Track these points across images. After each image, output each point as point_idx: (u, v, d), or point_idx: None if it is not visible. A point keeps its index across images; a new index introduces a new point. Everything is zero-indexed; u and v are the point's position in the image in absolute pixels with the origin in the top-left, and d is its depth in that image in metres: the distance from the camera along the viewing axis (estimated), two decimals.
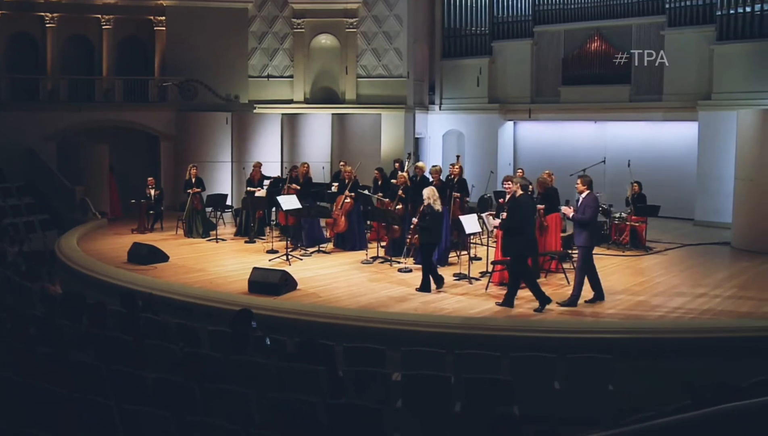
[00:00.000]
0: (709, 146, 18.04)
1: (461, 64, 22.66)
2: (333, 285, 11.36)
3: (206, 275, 12.07)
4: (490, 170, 17.12)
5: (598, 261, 13.25)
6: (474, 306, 10.06)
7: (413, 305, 10.11)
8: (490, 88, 22.30)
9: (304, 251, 14.01)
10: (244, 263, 12.92)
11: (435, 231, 10.90)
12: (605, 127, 20.78)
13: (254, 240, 15.37)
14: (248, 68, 21.67)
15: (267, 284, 10.64)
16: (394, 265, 12.79)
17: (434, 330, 8.96)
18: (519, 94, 21.89)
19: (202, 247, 14.84)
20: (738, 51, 17.71)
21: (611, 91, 19.93)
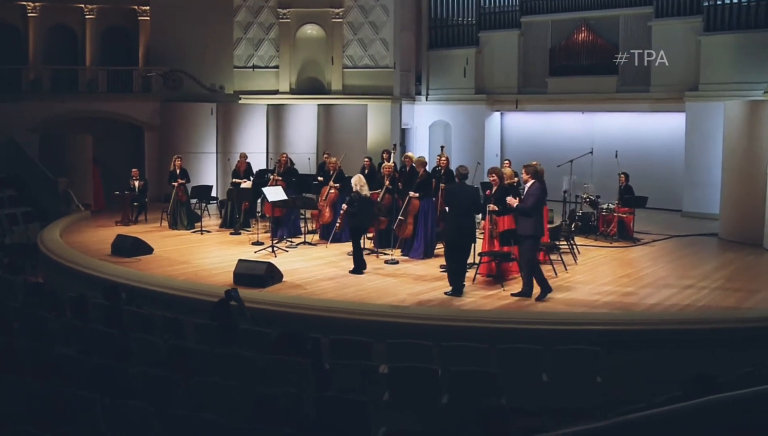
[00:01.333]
0: (696, 137, 18.13)
1: (448, 54, 22.62)
2: (319, 277, 11.33)
3: (191, 267, 12.02)
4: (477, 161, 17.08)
5: (586, 252, 13.44)
6: (461, 298, 10.06)
7: (400, 296, 10.10)
8: (477, 78, 22.27)
9: (289, 242, 13.96)
10: (229, 255, 12.88)
11: (363, 216, 11.63)
12: (593, 118, 20.83)
13: (239, 232, 15.32)
14: (233, 58, 21.53)
15: (252, 276, 10.61)
16: (380, 256, 12.78)
17: (421, 322, 8.95)
18: (506, 85, 21.88)
19: (186, 239, 14.77)
20: (725, 42, 17.78)
21: (598, 82, 19.97)
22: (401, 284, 10.92)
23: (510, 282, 10.85)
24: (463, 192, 10.35)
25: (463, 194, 10.31)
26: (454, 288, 10.26)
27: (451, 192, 10.46)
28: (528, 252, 9.92)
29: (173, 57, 20.80)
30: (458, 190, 10.38)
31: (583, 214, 15.45)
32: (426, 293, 10.33)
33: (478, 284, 10.83)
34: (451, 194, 10.37)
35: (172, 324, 7.63)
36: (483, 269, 11.23)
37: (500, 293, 10.30)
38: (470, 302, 9.92)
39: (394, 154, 14.34)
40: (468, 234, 10.37)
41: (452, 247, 10.35)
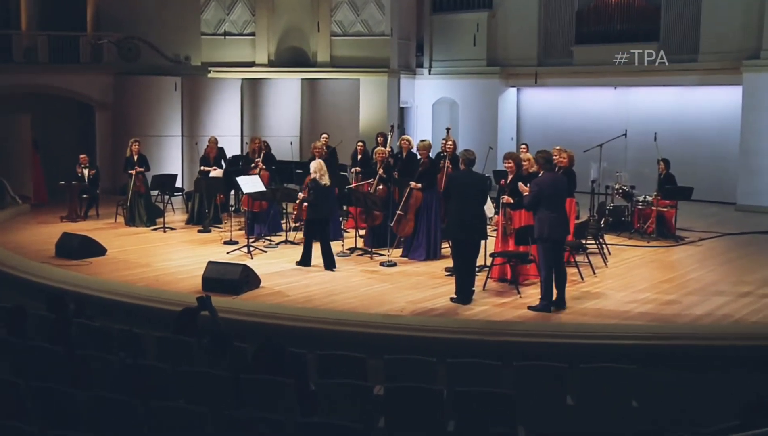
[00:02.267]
0: (755, 116, 18.11)
1: (455, 19, 22.67)
2: (303, 282, 11.37)
3: (151, 271, 12.05)
4: (488, 146, 17.13)
5: (618, 253, 13.50)
6: (470, 306, 10.11)
7: (398, 305, 10.15)
8: (489, 48, 22.32)
9: (268, 241, 14.00)
10: (197, 256, 12.92)
11: (322, 207, 12.03)
12: (627, 94, 20.89)
13: (209, 229, 15.35)
14: (201, 24, 21.56)
15: (225, 281, 10.64)
16: (375, 258, 12.82)
17: (423, 335, 8.99)
18: (524, 56, 21.93)
19: (146, 238, 14.81)
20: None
21: (635, 50, 19.98)
22: (399, 290, 10.96)
23: (527, 288, 10.90)
24: (470, 180, 10.38)
25: (470, 183, 10.34)
26: (461, 294, 10.30)
27: (455, 181, 10.54)
28: (542, 258, 9.93)
29: (129, 22, 20.79)
30: (464, 179, 10.41)
31: (614, 208, 15.50)
32: (429, 301, 10.37)
33: (490, 290, 10.87)
34: (456, 183, 10.43)
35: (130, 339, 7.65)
36: (495, 272, 11.28)
37: (516, 301, 10.35)
38: (480, 310, 9.96)
39: (392, 138, 14.35)
40: (477, 230, 10.38)
41: (459, 245, 10.39)
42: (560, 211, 9.90)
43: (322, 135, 15.56)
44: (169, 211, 16.80)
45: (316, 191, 12.05)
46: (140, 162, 15.83)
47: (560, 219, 9.83)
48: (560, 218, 9.84)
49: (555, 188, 9.81)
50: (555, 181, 9.89)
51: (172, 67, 20.87)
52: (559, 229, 9.77)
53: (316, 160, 12.54)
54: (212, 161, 16.08)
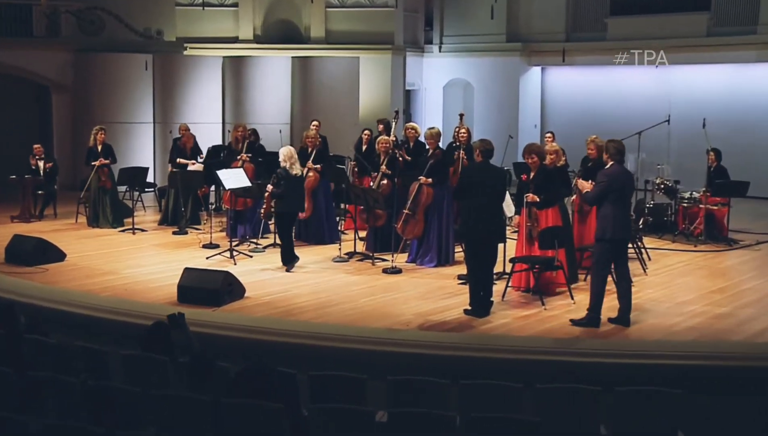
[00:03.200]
0: None
1: None
2: (294, 292, 11.39)
3: (119, 279, 12.07)
4: (508, 135, 17.16)
5: (659, 258, 13.49)
6: (486, 320, 10.11)
7: (404, 317, 10.16)
8: (509, 21, 22.33)
9: (254, 245, 14.02)
10: (171, 262, 12.95)
11: (292, 199, 12.50)
12: (671, 73, 20.87)
13: (186, 230, 15.39)
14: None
15: (204, 291, 10.65)
16: (377, 264, 12.85)
17: (433, 352, 8.99)
18: (549, 30, 21.94)
19: (112, 240, 14.83)
20: None
21: (681, 21, 19.97)
22: (406, 300, 10.98)
23: (553, 299, 10.91)
24: (488, 175, 10.42)
25: (487, 178, 10.38)
26: (477, 306, 10.33)
27: (470, 175, 10.59)
28: (595, 261, 9.95)
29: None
30: (480, 173, 10.45)
31: (655, 206, 15.48)
32: (440, 313, 10.38)
33: (510, 301, 10.89)
34: (471, 178, 10.47)
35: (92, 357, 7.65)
36: (516, 281, 11.28)
37: (540, 314, 10.35)
38: (499, 324, 9.97)
39: (395, 126, 14.33)
40: (495, 232, 10.41)
41: (474, 249, 10.42)
42: (626, 209, 9.99)
43: (313, 122, 15.59)
44: (138, 209, 16.81)
45: (285, 182, 12.30)
46: (105, 153, 15.83)
47: (625, 218, 9.90)
48: (625, 216, 9.92)
49: (624, 183, 9.85)
50: (624, 175, 9.92)
51: (142, 42, 20.89)
52: (623, 228, 9.81)
53: (286, 147, 12.83)
54: (189, 153, 16.05)
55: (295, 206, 12.75)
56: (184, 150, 16.18)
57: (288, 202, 12.45)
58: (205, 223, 15.54)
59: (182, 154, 16.14)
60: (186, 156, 16.05)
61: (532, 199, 10.96)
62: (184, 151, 16.18)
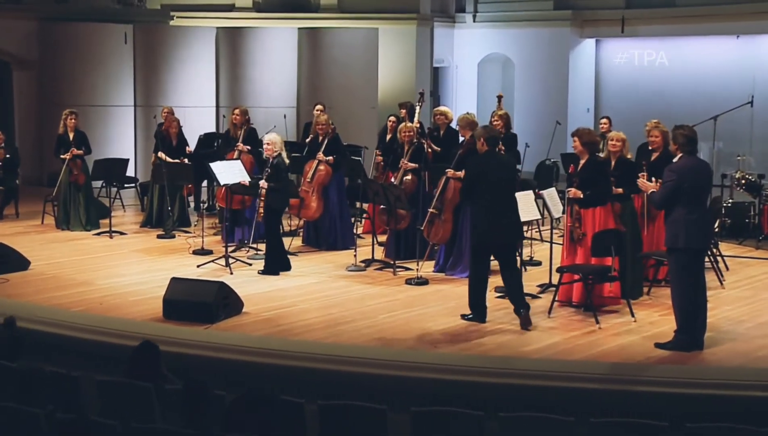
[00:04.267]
0: None
1: None
2: (301, 306, 11.39)
3: (93, 291, 12.08)
4: (555, 121, 17.14)
5: (739, 268, 13.40)
6: (530, 341, 10.09)
7: (431, 337, 10.15)
8: None
9: (254, 251, 14.06)
10: (156, 271, 12.98)
11: (287, 194, 12.94)
12: (755, 45, 20.71)
13: (173, 234, 15.42)
14: None
15: (194, 305, 10.66)
16: (399, 273, 12.84)
17: (466, 378, 8.97)
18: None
19: (86, 246, 14.86)
20: None
21: None
22: (433, 317, 10.96)
23: (609, 316, 10.88)
24: (497, 166, 10.58)
25: (496, 169, 10.53)
26: (475, 312, 10.66)
27: (477, 168, 10.70)
28: (672, 273, 9.92)
29: None
30: (488, 165, 10.57)
31: (734, 206, 15.36)
32: (473, 332, 10.36)
33: (557, 317, 10.86)
34: (480, 171, 10.61)
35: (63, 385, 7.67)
36: (563, 294, 11.28)
37: (593, 333, 10.33)
38: (544, 346, 9.95)
39: (420, 110, 14.26)
40: (514, 231, 10.64)
41: (483, 251, 10.71)
42: (702, 210, 9.84)
43: (317, 106, 15.60)
44: (117, 209, 16.86)
45: (279, 172, 12.71)
46: (78, 142, 15.82)
47: (702, 221, 9.76)
48: (702, 219, 9.78)
49: (698, 179, 9.68)
50: (698, 170, 9.71)
51: (121, 11, 20.97)
52: (699, 235, 9.68)
53: (273, 133, 13.22)
54: (175, 143, 15.93)
55: (286, 202, 13.27)
56: (168, 138, 16.03)
57: (283, 196, 12.88)
58: (195, 225, 15.55)
59: (165, 144, 15.96)
60: (170, 146, 15.92)
61: (574, 195, 10.94)
62: (167, 140, 16.03)
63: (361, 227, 15.38)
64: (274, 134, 13.05)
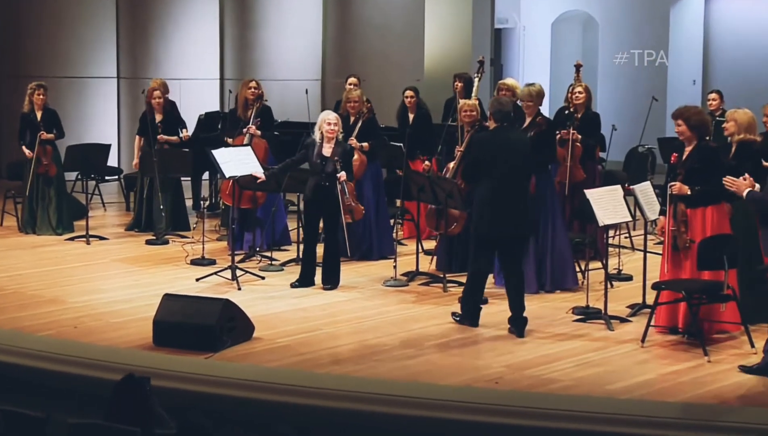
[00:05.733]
0: None
1: None
2: (326, 331, 11.39)
3: (66, 310, 12.10)
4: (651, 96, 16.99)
5: None
6: (617, 376, 10.04)
7: (491, 371, 10.14)
8: None
9: (267, 260, 14.08)
10: (145, 285, 13.07)
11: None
12: None
13: (166, 239, 15.53)
14: None
15: (193, 329, 10.64)
16: (451, 289, 12.83)
17: (536, 424, 8.93)
18: None
19: (57, 254, 14.96)
20: None
21: None
22: (494, 344, 10.95)
23: (719, 346, 10.80)
24: (505, 144, 10.86)
25: (505, 148, 10.85)
26: (466, 310, 11.26)
27: (482, 146, 11.29)
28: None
29: None
30: (490, 144, 10.92)
31: None
32: (544, 365, 10.33)
33: (654, 345, 10.84)
34: (485, 150, 11.13)
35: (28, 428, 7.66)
36: (662, 317, 11.22)
37: (702, 368, 10.23)
38: (637, 383, 9.90)
39: (478, 82, 14.21)
40: (522, 222, 11.05)
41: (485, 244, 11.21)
42: None
43: (349, 79, 15.57)
44: (96, 207, 16.95)
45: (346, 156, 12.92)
46: (48, 123, 15.93)
47: None
48: None
49: None
50: None
51: None
52: None
53: (330, 112, 13.24)
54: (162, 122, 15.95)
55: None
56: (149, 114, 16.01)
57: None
58: (194, 227, 15.63)
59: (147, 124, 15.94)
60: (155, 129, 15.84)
61: (679, 191, 10.85)
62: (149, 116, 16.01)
63: (402, 231, 15.31)
64: (329, 113, 13.10)
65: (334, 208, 12.71)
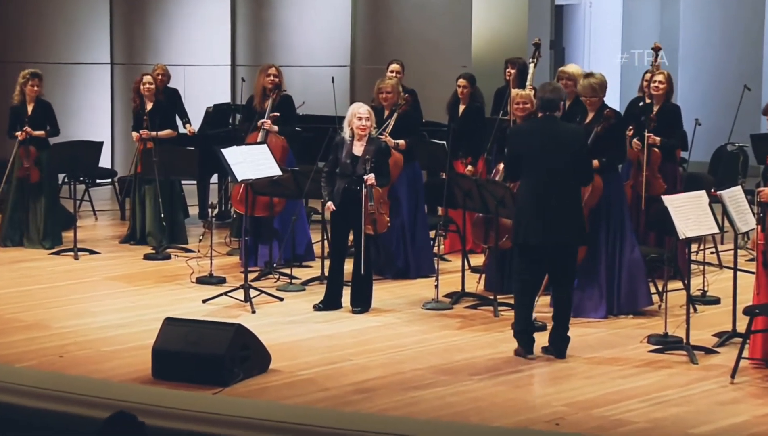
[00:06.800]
0: None
1: None
2: (356, 362, 11.40)
3: (50, 337, 12.15)
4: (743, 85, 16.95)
5: None
6: (703, 416, 9.98)
7: (550, 410, 10.12)
8: None
9: (286, 278, 14.12)
10: (142, 308, 13.14)
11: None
12: None
13: (167, 253, 15.66)
14: None
15: (199, 360, 10.67)
16: (503, 314, 12.88)
17: None
18: None
19: (41, 270, 15.07)
20: None
21: None
22: (555, 378, 10.96)
23: None
24: (551, 137, 10.86)
25: (549, 142, 10.85)
26: (518, 337, 11.29)
27: (521, 140, 11.33)
28: None
29: None
30: (533, 136, 10.97)
31: None
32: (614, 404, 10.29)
33: (745, 385, 10.75)
34: (525, 144, 11.15)
35: None
36: (757, 347, 11.16)
37: None
38: (728, 426, 9.82)
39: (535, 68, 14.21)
40: (570, 228, 11.03)
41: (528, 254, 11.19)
42: None
43: (391, 65, 15.56)
44: (86, 216, 17.02)
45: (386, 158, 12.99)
46: (39, 118, 16.08)
47: None
48: None
49: None
50: None
51: None
52: None
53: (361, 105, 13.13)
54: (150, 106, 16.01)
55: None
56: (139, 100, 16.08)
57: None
58: (201, 239, 15.65)
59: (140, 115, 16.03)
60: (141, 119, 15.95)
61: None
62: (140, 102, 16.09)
63: (444, 245, 15.34)
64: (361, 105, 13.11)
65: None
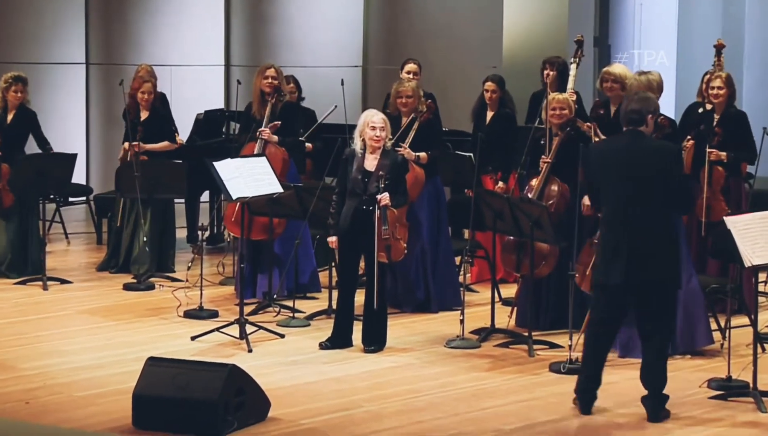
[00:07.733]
0: None
1: None
2: (369, 408, 11.35)
3: (15, 380, 12.18)
4: None
5: None
6: None
7: None
8: None
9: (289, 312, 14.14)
10: (121, 346, 13.18)
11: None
12: None
13: (150, 283, 15.73)
14: None
15: (186, 406, 10.61)
16: (538, 353, 12.90)
17: None
18: None
19: (3, 301, 15.12)
20: None
21: None
22: (596, 429, 10.88)
23: None
24: (629, 157, 10.71)
25: (628, 163, 10.68)
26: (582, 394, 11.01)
27: (603, 160, 11.12)
28: None
29: None
30: (616, 155, 10.86)
31: None
32: None
33: None
34: (607, 166, 10.96)
35: None
36: None
37: None
38: None
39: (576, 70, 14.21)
40: (663, 264, 10.75)
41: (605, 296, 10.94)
42: None
43: (407, 65, 15.59)
44: (57, 239, 17.03)
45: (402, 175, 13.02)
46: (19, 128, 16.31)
47: None
48: None
49: None
50: None
51: None
52: None
53: (375, 112, 13.08)
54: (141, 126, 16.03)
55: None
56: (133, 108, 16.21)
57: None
58: (190, 267, 15.67)
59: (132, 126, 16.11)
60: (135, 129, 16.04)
61: None
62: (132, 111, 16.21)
63: (471, 273, 15.29)
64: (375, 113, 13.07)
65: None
